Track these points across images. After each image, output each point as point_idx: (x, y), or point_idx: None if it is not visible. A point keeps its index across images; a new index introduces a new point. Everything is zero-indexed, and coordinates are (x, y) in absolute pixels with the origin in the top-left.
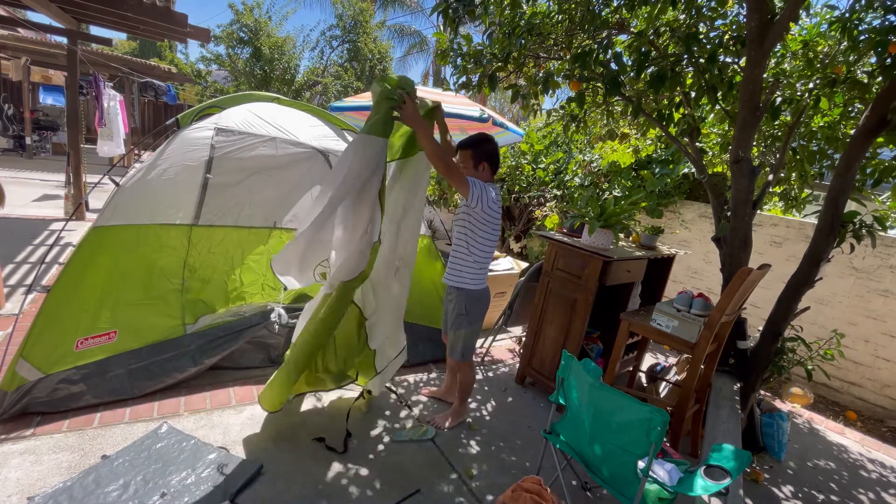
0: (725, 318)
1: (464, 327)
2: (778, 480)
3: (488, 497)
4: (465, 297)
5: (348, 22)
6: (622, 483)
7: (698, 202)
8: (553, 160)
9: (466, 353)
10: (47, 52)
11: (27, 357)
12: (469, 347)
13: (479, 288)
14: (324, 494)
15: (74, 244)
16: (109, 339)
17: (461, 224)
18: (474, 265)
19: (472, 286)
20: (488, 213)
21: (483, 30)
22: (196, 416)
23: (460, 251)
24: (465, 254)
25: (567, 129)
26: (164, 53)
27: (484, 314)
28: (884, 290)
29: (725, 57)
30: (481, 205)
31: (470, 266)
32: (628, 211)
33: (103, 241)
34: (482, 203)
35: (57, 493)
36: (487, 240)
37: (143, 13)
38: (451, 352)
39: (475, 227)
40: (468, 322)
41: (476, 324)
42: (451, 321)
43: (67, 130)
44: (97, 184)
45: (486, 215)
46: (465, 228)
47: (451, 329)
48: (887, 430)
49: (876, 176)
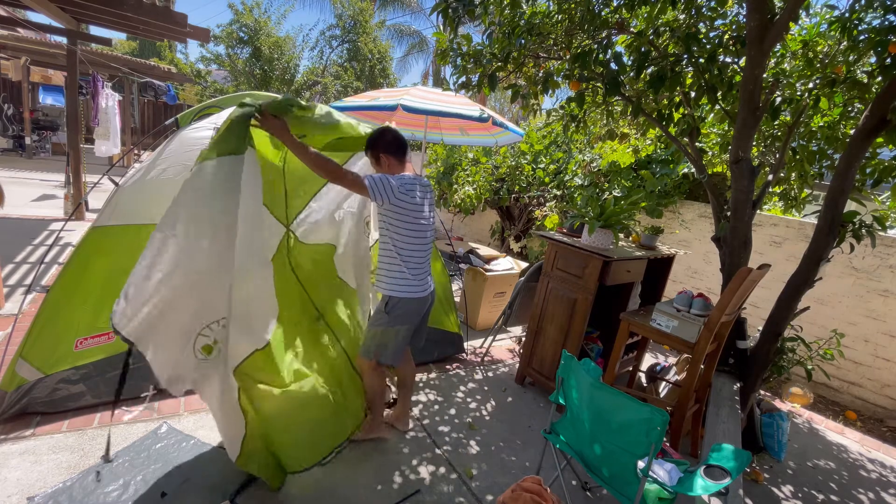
0: (725, 318)
1: (381, 325)
2: (778, 480)
3: (488, 497)
4: (391, 303)
5: (348, 22)
6: (622, 483)
7: (698, 202)
8: (552, 160)
9: (375, 353)
10: (47, 52)
11: (27, 357)
12: (381, 349)
13: (412, 297)
14: (324, 494)
15: (74, 244)
16: (109, 338)
17: (381, 227)
18: (406, 270)
19: (403, 294)
20: (401, 204)
21: (483, 30)
22: (196, 416)
23: (388, 255)
24: (393, 257)
25: (567, 129)
26: (163, 53)
27: (411, 322)
28: (883, 290)
29: (725, 57)
30: (387, 198)
31: (401, 271)
32: (628, 211)
33: (102, 241)
34: (387, 196)
35: (57, 493)
36: (413, 235)
37: (142, 13)
38: (361, 348)
39: (394, 225)
40: (387, 321)
41: (397, 328)
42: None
43: (67, 130)
44: (96, 184)
45: (398, 207)
46: (385, 229)
47: (369, 325)
48: (887, 430)
49: (876, 176)
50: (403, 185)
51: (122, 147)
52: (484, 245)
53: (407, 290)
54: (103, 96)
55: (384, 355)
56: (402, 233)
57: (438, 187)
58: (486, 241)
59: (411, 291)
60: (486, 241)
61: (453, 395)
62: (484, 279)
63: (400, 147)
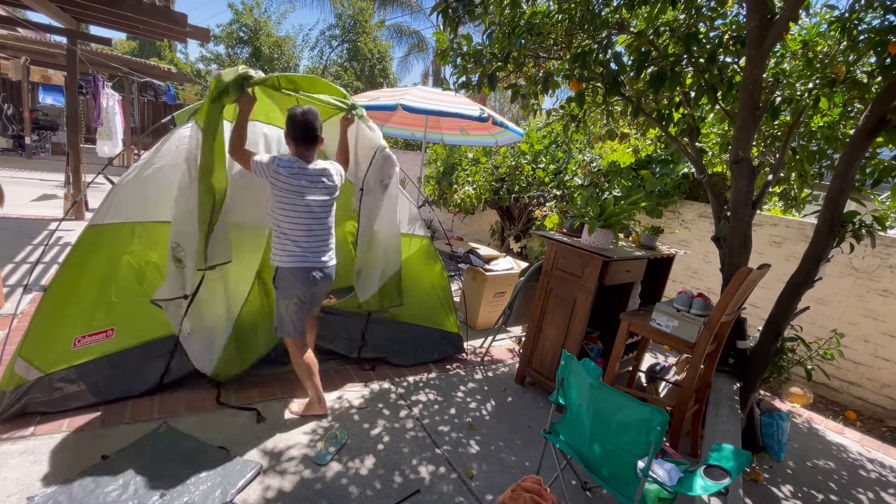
0: (725, 318)
1: (278, 298)
2: (777, 480)
3: (488, 497)
4: (277, 273)
5: (348, 21)
6: (622, 483)
7: (698, 202)
8: (552, 160)
9: (281, 327)
10: (47, 52)
11: (25, 356)
12: (284, 321)
13: (287, 266)
14: (323, 494)
15: (73, 243)
16: (107, 336)
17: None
18: (284, 240)
19: (280, 263)
20: (276, 182)
21: (483, 30)
22: (196, 416)
23: (273, 228)
24: (275, 229)
25: (567, 129)
26: (163, 53)
27: (299, 293)
28: (883, 290)
29: (725, 57)
30: (266, 176)
31: (279, 241)
32: (628, 211)
33: (99, 239)
34: (266, 173)
35: (56, 493)
36: (288, 210)
37: (142, 13)
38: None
39: (273, 200)
40: (279, 294)
41: (289, 300)
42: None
43: (67, 130)
44: (90, 182)
45: (274, 184)
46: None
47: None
48: (887, 430)
49: (875, 176)
50: (281, 166)
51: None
52: (484, 245)
53: (286, 260)
54: (104, 96)
55: (282, 328)
56: (279, 207)
57: (438, 187)
58: (486, 241)
59: (291, 261)
60: (486, 241)
61: (453, 395)
62: (484, 279)
63: (303, 136)
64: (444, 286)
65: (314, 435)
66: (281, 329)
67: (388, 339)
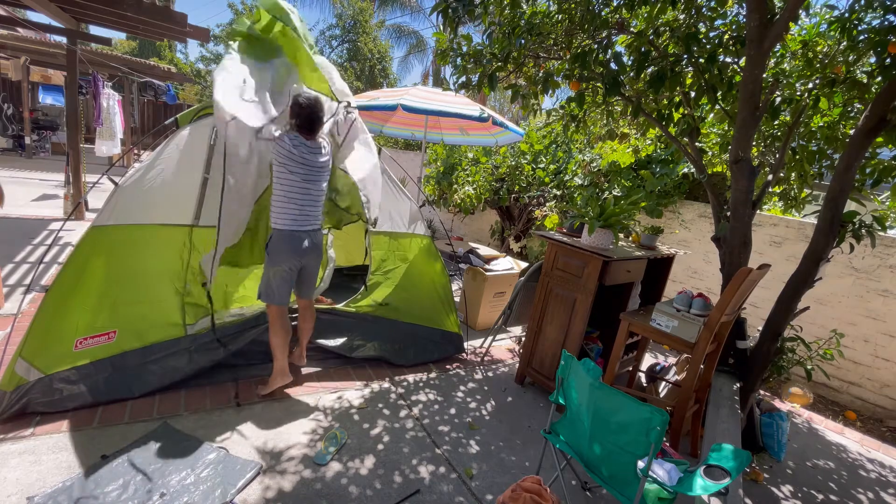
0: (725, 318)
1: (267, 265)
2: (777, 480)
3: (488, 497)
4: (271, 238)
5: (348, 21)
6: (622, 483)
7: (698, 202)
8: (552, 160)
9: (264, 293)
10: (47, 52)
11: (26, 357)
12: (267, 287)
13: (280, 228)
14: (323, 494)
15: (73, 244)
16: (109, 338)
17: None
18: (280, 202)
19: (277, 225)
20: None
21: (483, 30)
22: (196, 416)
23: (275, 194)
24: (277, 195)
25: (567, 129)
26: (163, 53)
27: (287, 260)
28: (883, 290)
29: (725, 57)
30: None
31: (276, 202)
32: (628, 211)
33: (102, 240)
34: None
35: (56, 493)
36: (286, 179)
37: (142, 13)
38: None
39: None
40: (268, 260)
41: (276, 267)
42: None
43: (67, 130)
44: (95, 183)
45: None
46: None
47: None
48: (887, 430)
49: (875, 176)
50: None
51: (122, 147)
52: (484, 245)
53: (283, 222)
54: (104, 96)
55: (267, 294)
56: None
57: (438, 187)
58: (486, 241)
59: (286, 223)
60: (486, 241)
61: (453, 394)
62: (484, 279)
63: (307, 125)
64: (445, 284)
65: (314, 435)
66: (265, 295)
67: (388, 339)
